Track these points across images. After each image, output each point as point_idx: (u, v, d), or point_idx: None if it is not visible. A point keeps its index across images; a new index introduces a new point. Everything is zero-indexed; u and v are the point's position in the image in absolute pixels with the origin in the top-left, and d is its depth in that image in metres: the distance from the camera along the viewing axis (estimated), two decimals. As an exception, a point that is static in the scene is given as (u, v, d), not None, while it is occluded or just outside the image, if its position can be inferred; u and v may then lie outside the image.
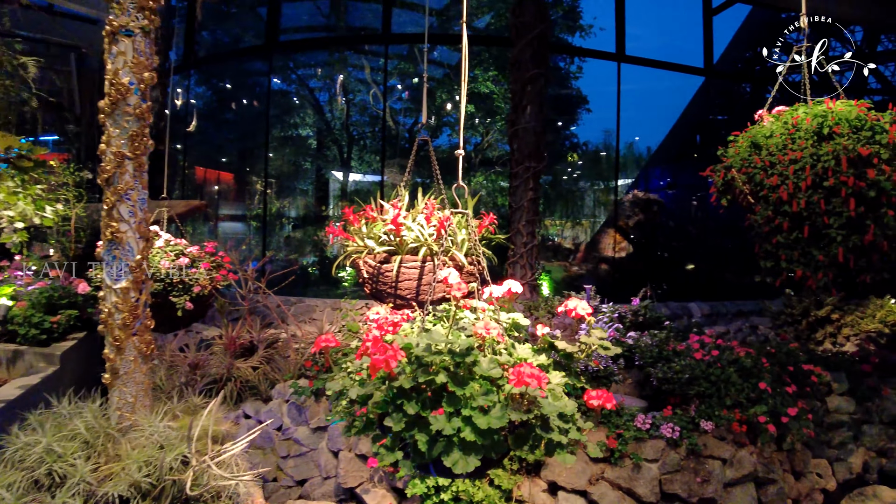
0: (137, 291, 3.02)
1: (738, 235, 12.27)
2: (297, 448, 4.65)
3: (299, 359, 5.05)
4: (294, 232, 11.60)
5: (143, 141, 3.06)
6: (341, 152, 12.69)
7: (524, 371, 1.80)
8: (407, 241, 4.70)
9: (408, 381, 1.78)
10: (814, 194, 3.95)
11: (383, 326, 2.08)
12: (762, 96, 10.85)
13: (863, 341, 6.46)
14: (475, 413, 1.78)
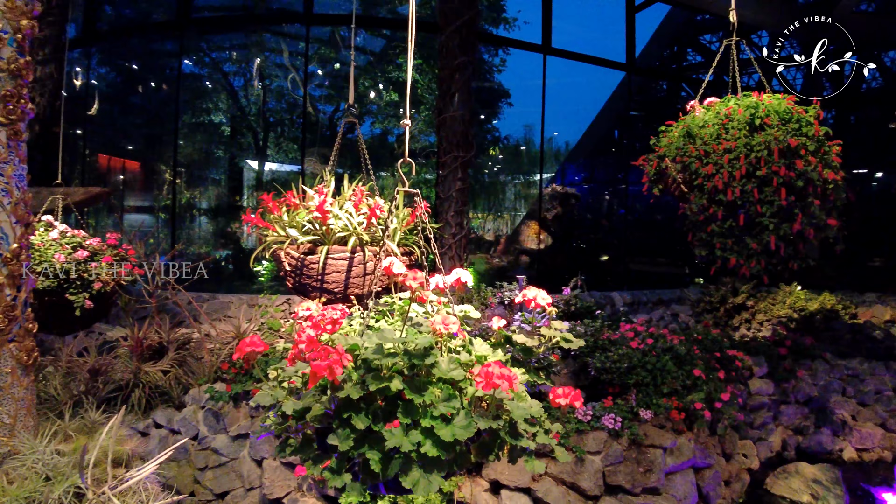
0: (14, 288, 2.53)
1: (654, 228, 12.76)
2: (217, 458, 4.22)
3: (215, 361, 4.60)
4: (206, 224, 10.84)
5: (20, 104, 2.56)
6: (257, 140, 12.02)
7: (493, 371, 1.57)
8: (334, 230, 4.36)
9: (356, 390, 1.51)
10: (748, 183, 4.00)
11: (319, 325, 1.79)
12: (677, 93, 11.27)
13: (775, 326, 6.78)
14: (437, 423, 1.54)
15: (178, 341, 4.72)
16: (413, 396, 1.53)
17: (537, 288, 2.08)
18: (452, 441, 1.51)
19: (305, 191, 4.61)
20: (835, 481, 4.65)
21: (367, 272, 4.42)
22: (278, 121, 12.29)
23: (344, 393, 1.49)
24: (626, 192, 12.08)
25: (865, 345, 6.34)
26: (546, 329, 2.10)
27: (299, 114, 12.10)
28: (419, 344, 1.57)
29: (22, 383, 2.53)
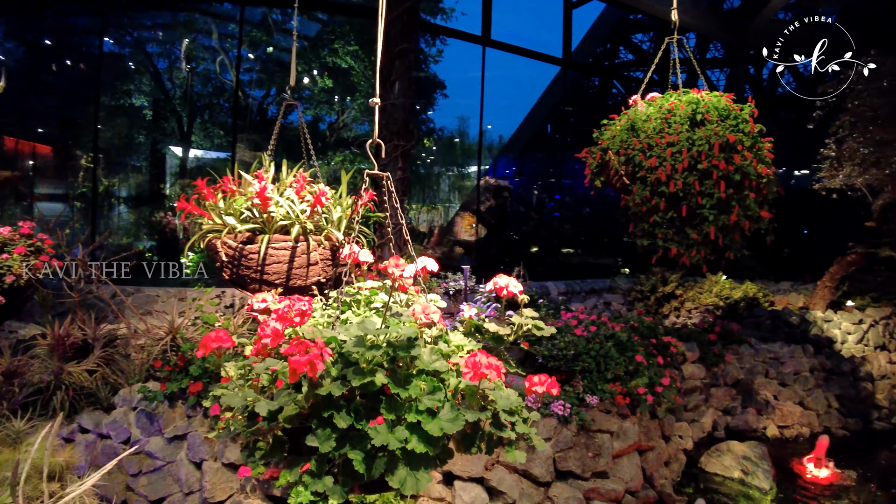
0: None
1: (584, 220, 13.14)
2: (151, 462, 3.96)
3: (146, 358, 4.30)
4: (127, 213, 10.15)
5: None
6: (181, 125, 11.37)
7: (480, 361, 1.52)
8: (275, 218, 4.16)
9: (337, 386, 1.41)
10: (689, 176, 4.14)
11: (286, 317, 1.67)
12: (609, 90, 11.61)
13: (703, 314, 7.13)
14: (423, 418, 1.48)
15: (104, 338, 4.37)
16: (399, 391, 1.46)
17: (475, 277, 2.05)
18: (441, 436, 1.45)
19: (242, 176, 4.37)
20: (762, 457, 4.95)
21: (311, 262, 4.27)
22: (205, 105, 11.69)
23: (325, 390, 1.39)
24: (558, 185, 12.34)
25: (784, 329, 6.79)
26: (517, 317, 2.07)
27: (227, 98, 11.54)
28: (403, 334, 1.50)
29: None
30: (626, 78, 11.13)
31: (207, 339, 1.48)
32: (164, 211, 10.09)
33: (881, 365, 6.25)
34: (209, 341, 1.49)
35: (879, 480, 5.03)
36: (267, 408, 1.38)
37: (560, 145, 12.12)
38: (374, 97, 2.02)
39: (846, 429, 5.88)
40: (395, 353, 1.47)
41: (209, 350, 1.49)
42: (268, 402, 1.40)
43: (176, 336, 4.13)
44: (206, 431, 4.02)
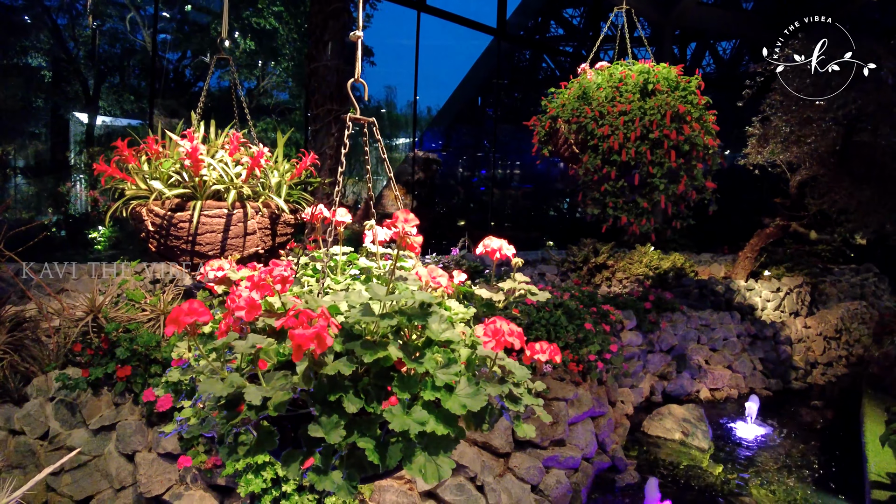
0: None
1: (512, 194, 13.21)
2: (75, 458, 3.55)
3: (63, 342, 3.83)
4: (24, 185, 9.09)
5: None
6: (86, 89, 10.30)
7: (502, 328, 1.38)
8: (208, 182, 3.79)
9: (345, 364, 1.22)
10: (641, 145, 4.15)
11: (262, 284, 1.42)
12: (539, 63, 11.64)
13: (633, 283, 7.34)
14: (442, 395, 1.31)
15: (10, 321, 3.84)
16: (414, 366, 1.28)
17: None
18: (464, 414, 1.29)
19: (168, 136, 3.94)
20: (700, 419, 5.17)
21: (249, 231, 3.94)
22: (113, 68, 10.64)
23: (331, 369, 1.19)
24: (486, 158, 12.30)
25: (710, 298, 7.13)
26: (510, 282, 1.94)
27: (137, 60, 10.56)
28: (418, 299, 1.31)
29: None
30: (556, 52, 11.19)
31: (179, 313, 1.22)
32: (70, 182, 9.14)
33: (798, 329, 6.70)
34: (182, 315, 1.23)
35: (798, 435, 5.41)
36: (260, 395, 1.16)
37: (490, 118, 12.06)
38: (357, 31, 1.79)
39: (769, 389, 6.28)
40: (408, 322, 1.29)
41: (182, 326, 1.23)
42: (259, 388, 1.18)
43: (98, 316, 3.69)
44: (136, 420, 3.64)
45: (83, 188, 9.52)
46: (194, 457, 3.47)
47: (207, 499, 3.59)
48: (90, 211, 8.75)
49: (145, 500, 3.57)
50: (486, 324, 1.43)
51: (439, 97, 16.54)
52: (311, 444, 1.26)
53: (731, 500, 4.28)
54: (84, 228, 8.65)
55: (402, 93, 15.82)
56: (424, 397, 1.31)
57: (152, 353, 3.60)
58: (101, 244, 8.63)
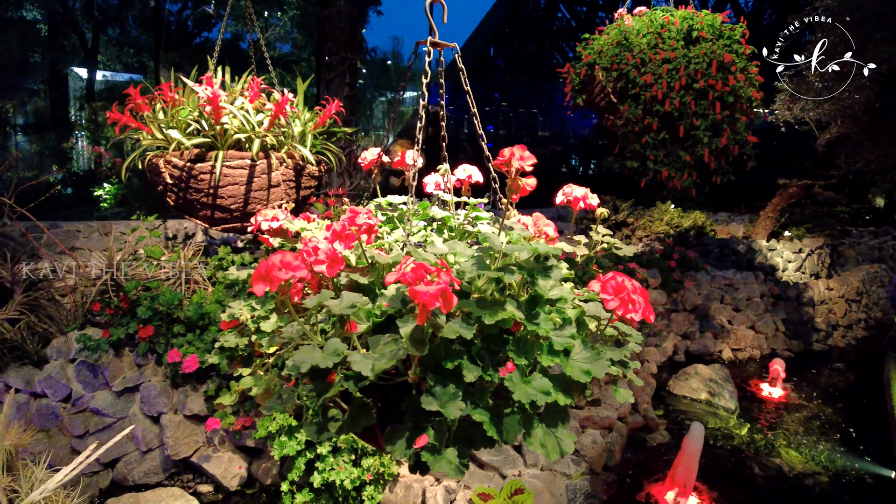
0: None
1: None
2: (99, 420, 3.42)
3: (81, 301, 3.66)
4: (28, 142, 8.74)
5: None
6: (84, 42, 9.85)
7: (625, 285, 1.21)
8: (230, 130, 3.56)
9: (464, 327, 1.04)
10: (686, 95, 3.92)
11: (344, 234, 1.23)
12: (553, 14, 11.18)
13: (653, 241, 7.19)
14: (562, 360, 1.15)
15: (25, 280, 3.66)
16: (533, 328, 1.12)
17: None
18: (584, 382, 1.14)
19: (185, 82, 3.68)
20: (726, 379, 5.10)
21: (273, 184, 3.72)
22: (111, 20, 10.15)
23: (451, 332, 1.02)
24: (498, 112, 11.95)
25: (731, 257, 6.99)
26: (594, 234, 1.76)
27: (137, 12, 10.08)
28: (537, 251, 1.14)
29: None
30: (571, 2, 10.75)
31: (270, 268, 1.02)
32: (73, 138, 8.82)
33: (820, 291, 6.60)
34: (273, 270, 1.03)
35: (822, 397, 5.35)
36: (369, 363, 0.99)
37: (501, 70, 11.67)
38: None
39: (790, 350, 6.21)
40: (531, 278, 1.12)
41: (276, 283, 1.03)
42: (365, 356, 1.01)
43: (116, 274, 3.51)
44: (160, 381, 3.51)
45: (86, 144, 9.19)
46: (222, 418, 3.35)
47: (236, 460, 3.50)
48: (96, 168, 8.46)
49: (172, 462, 3.47)
50: (606, 280, 1.25)
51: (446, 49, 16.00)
52: (418, 419, 1.10)
53: (760, 461, 4.23)
54: (89, 186, 8.38)
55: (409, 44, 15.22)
56: (543, 363, 1.15)
57: (174, 312, 3.43)
58: (107, 201, 8.38)
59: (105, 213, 7.78)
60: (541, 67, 11.37)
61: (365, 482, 3.13)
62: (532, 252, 1.14)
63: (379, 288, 1.23)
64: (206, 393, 3.46)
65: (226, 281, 3.64)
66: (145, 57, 11.22)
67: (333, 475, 3.03)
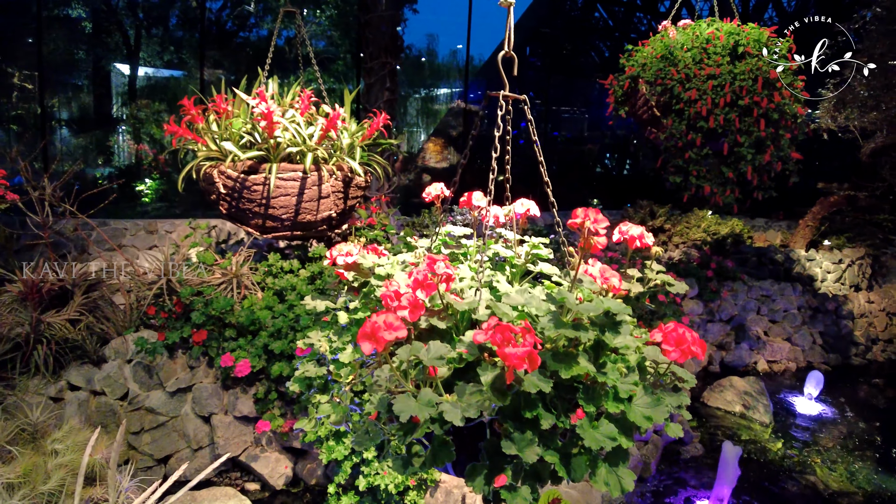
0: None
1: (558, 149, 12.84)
2: (154, 418, 3.60)
3: (135, 303, 3.83)
4: (75, 137, 9.07)
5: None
6: (126, 39, 10.11)
7: (685, 337, 1.27)
8: (283, 144, 3.69)
9: (543, 380, 1.13)
10: (731, 112, 3.92)
11: (429, 283, 1.31)
12: (590, 13, 11.11)
13: (689, 248, 7.15)
14: (626, 406, 1.22)
15: (85, 283, 3.85)
16: (603, 378, 1.19)
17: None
18: (646, 428, 1.21)
19: (238, 94, 3.82)
20: (761, 392, 5.08)
21: (323, 195, 3.85)
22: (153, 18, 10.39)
23: (532, 386, 1.10)
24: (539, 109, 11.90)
25: (768, 266, 6.92)
26: (649, 271, 1.82)
27: (178, 10, 10.30)
28: (609, 309, 1.21)
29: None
30: (609, 1, 10.66)
31: (376, 329, 1.07)
32: (116, 134, 9.12)
33: (860, 304, 6.50)
34: (379, 331, 1.07)
35: (859, 412, 5.30)
36: (459, 413, 1.08)
37: (537, 69, 11.63)
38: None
39: (828, 363, 6.14)
40: (601, 333, 1.20)
41: (383, 344, 1.10)
42: (454, 406, 1.10)
43: (171, 279, 3.67)
44: (211, 382, 3.67)
45: (129, 140, 9.48)
46: (271, 420, 3.50)
47: (282, 460, 3.65)
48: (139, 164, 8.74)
49: (223, 461, 3.64)
50: (668, 331, 1.32)
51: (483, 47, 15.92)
52: (496, 459, 1.19)
53: (794, 477, 4.23)
54: (131, 181, 8.66)
55: (444, 41, 15.34)
56: (609, 409, 1.23)
57: (227, 318, 3.59)
58: (149, 196, 8.66)
59: (147, 208, 8.05)
60: (576, 67, 11.30)
61: (408, 487, 3.24)
62: (604, 310, 1.22)
63: (455, 332, 1.32)
64: (255, 395, 3.61)
65: (275, 287, 3.78)
66: (184, 54, 11.46)
67: (378, 479, 3.15)
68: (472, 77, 13.02)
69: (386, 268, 1.55)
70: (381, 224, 4.40)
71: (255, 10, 11.08)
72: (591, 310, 1.17)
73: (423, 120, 14.27)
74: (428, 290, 1.31)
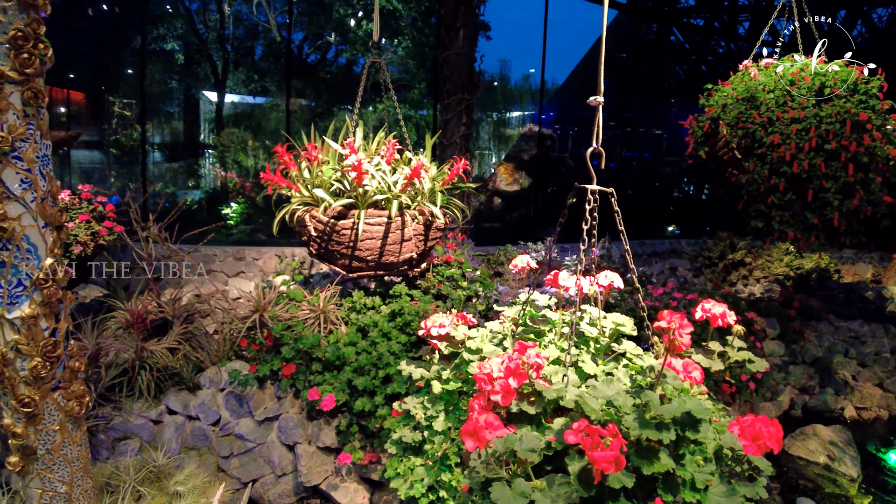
0: (52, 318, 1.95)
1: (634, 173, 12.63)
2: (242, 444, 3.88)
3: (228, 335, 4.14)
4: (167, 163, 9.86)
5: (37, 49, 1.95)
6: (215, 69, 10.90)
7: (762, 432, 1.33)
8: (370, 192, 3.92)
9: (629, 476, 1.22)
10: (816, 157, 3.82)
11: (521, 372, 1.42)
12: (666, 37, 10.96)
13: (771, 283, 6.90)
14: (702, 496, 1.29)
15: (183, 314, 4.22)
16: (681, 472, 1.27)
17: (517, 237, 1.80)
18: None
19: (328, 143, 4.10)
20: (848, 442, 4.84)
21: (405, 238, 4.04)
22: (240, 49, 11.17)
23: (616, 482, 1.20)
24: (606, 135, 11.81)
25: (858, 304, 6.57)
26: (729, 349, 1.86)
27: (265, 42, 11.01)
28: (685, 408, 1.29)
29: (74, 439, 2.01)
30: (685, 25, 10.48)
31: (478, 429, 1.19)
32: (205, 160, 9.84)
33: (963, 346, 6.05)
34: (481, 430, 1.20)
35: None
36: (550, 502, 1.19)
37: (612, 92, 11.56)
38: (597, 96, 1.74)
39: (925, 411, 5.76)
40: (682, 431, 1.27)
41: (484, 443, 1.23)
42: (545, 495, 1.20)
43: (264, 314, 3.96)
44: (297, 413, 3.92)
45: (214, 165, 10.18)
46: (352, 452, 3.69)
47: (360, 491, 3.83)
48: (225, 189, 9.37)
49: (304, 488, 3.87)
50: (745, 425, 1.38)
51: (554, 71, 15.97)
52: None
53: (886, 536, 4.01)
54: (217, 204, 9.29)
55: (516, 66, 15.46)
56: (686, 498, 1.30)
57: (314, 352, 3.83)
58: (234, 219, 9.27)
59: (232, 231, 8.59)
60: (651, 90, 11.18)
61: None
62: (685, 411, 1.29)
63: (543, 417, 1.43)
64: (337, 427, 3.82)
65: (359, 323, 4.00)
66: (267, 82, 12.12)
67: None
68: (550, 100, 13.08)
69: (476, 341, 1.68)
70: (457, 262, 4.55)
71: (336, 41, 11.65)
72: (674, 411, 1.25)
73: (494, 143, 14.42)
74: (520, 379, 1.43)
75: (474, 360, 1.61)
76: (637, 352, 1.68)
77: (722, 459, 1.45)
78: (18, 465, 1.86)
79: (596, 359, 1.74)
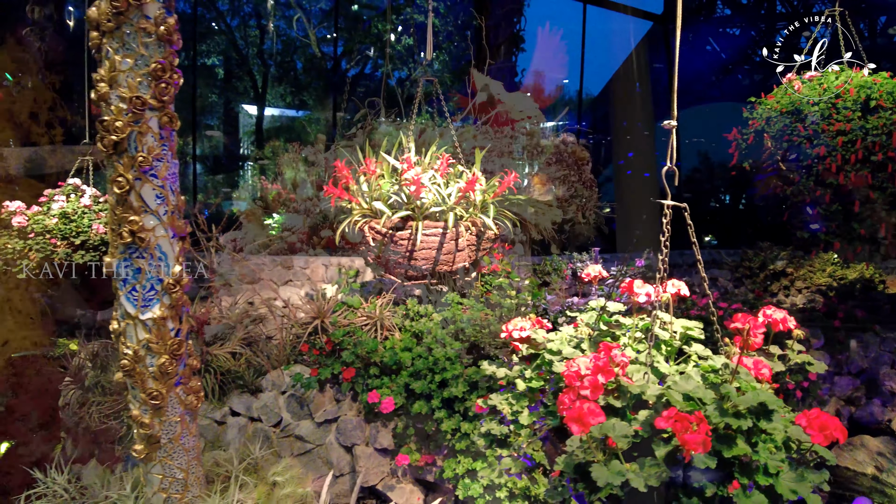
0: (177, 320, 2.21)
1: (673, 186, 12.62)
2: (301, 445, 4.09)
3: (288, 340, 4.37)
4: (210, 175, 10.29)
5: (172, 79, 2.20)
6: (255, 83, 11.32)
7: (828, 424, 1.46)
8: (426, 205, 4.12)
9: (712, 458, 1.37)
10: (862, 169, 3.90)
11: (608, 369, 1.58)
12: (703, 47, 11.02)
13: (813, 294, 6.88)
14: (774, 480, 1.43)
15: (246, 320, 4.46)
16: (757, 457, 1.41)
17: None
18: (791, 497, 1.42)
19: (386, 158, 4.33)
20: None
21: (459, 248, 4.24)
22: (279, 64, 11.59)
23: (702, 462, 1.35)
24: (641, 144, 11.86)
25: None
26: (790, 352, 1.98)
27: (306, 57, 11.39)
28: (760, 399, 1.43)
29: (191, 430, 2.25)
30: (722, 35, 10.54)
31: (583, 415, 1.39)
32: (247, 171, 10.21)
33: None
34: (585, 416, 1.39)
35: None
36: (642, 481, 1.34)
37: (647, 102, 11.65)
38: (671, 120, 1.89)
39: (976, 423, 5.68)
40: (756, 421, 1.42)
41: (587, 427, 1.41)
42: (638, 475, 1.36)
43: (324, 320, 4.18)
44: (355, 415, 4.11)
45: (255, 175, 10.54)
46: (409, 454, 3.87)
47: (416, 492, 4.00)
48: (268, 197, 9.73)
49: (361, 488, 4.05)
50: (812, 417, 1.51)
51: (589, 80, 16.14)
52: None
53: (939, 547, 4.00)
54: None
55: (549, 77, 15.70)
56: (759, 482, 1.44)
57: (372, 357, 4.02)
58: (276, 229, 9.61)
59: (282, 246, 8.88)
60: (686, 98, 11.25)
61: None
62: (759, 402, 1.44)
63: (629, 410, 1.58)
64: (394, 430, 4.00)
65: (413, 329, 4.20)
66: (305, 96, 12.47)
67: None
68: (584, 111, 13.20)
69: (556, 343, 1.84)
70: (505, 271, 4.72)
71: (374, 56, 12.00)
72: (750, 402, 1.40)
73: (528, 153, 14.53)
74: (607, 376, 1.59)
75: (555, 361, 1.77)
76: (706, 353, 1.82)
77: (790, 449, 1.58)
78: (143, 452, 2.10)
79: (668, 359, 1.89)
